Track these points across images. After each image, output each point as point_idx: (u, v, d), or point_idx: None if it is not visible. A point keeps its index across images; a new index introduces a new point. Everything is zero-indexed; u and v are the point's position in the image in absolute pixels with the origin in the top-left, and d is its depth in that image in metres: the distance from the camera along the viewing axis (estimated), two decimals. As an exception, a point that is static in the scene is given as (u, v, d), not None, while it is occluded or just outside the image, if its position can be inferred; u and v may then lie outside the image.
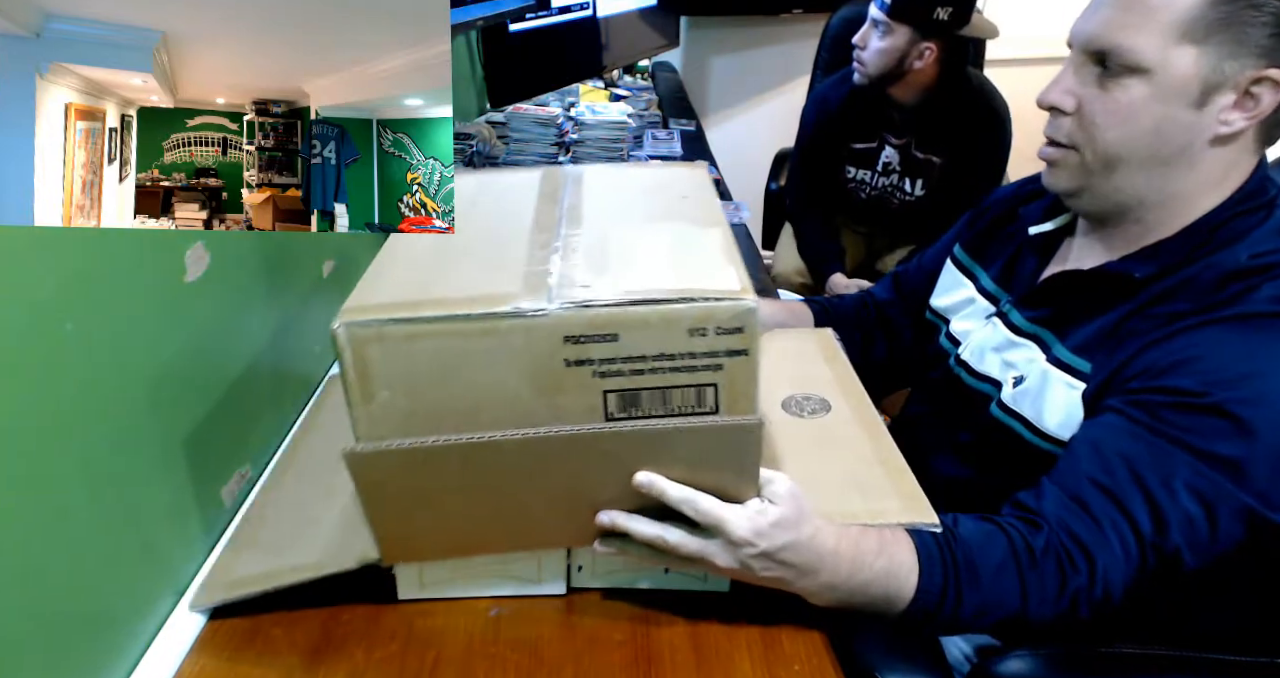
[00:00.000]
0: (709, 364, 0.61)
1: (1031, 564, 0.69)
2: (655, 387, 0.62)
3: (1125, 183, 0.79)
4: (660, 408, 0.63)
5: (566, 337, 0.59)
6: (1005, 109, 1.92)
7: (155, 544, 0.72)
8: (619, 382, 0.61)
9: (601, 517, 0.68)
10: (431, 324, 0.59)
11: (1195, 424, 0.70)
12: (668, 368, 0.61)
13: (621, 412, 0.62)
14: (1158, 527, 0.69)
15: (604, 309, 0.59)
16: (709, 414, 0.63)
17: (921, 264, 1.13)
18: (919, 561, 0.69)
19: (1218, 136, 0.75)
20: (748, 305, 0.59)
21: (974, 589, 0.69)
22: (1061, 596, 0.69)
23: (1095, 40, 0.76)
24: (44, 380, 0.57)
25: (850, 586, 0.68)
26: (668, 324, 0.59)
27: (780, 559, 0.66)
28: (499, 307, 0.59)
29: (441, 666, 0.70)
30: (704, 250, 0.66)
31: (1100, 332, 0.79)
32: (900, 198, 2.03)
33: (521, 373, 0.60)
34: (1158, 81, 0.74)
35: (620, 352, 0.60)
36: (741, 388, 0.62)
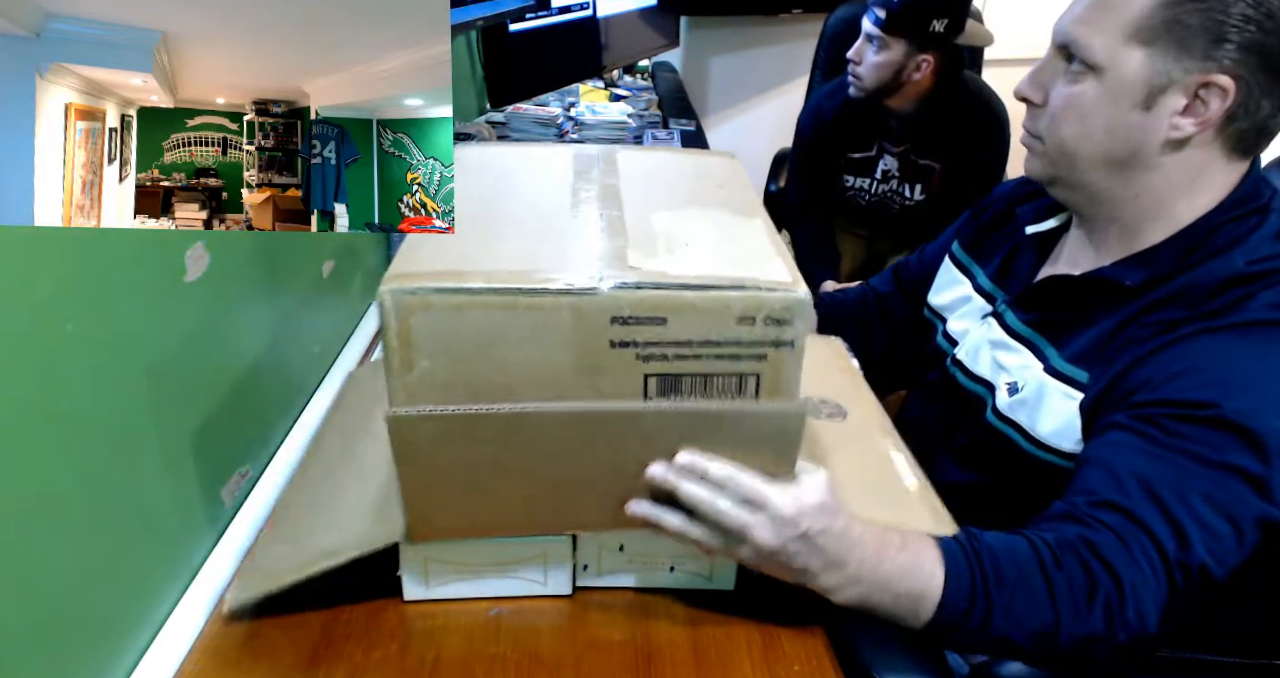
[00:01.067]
0: (754, 353, 0.61)
1: (1056, 565, 0.67)
2: (697, 373, 0.61)
3: (1087, 178, 0.79)
4: (699, 396, 0.62)
5: (614, 317, 0.59)
6: (1003, 111, 1.91)
7: (155, 544, 0.72)
8: (661, 366, 0.61)
9: (632, 507, 0.67)
10: (479, 296, 0.58)
11: (1205, 436, 0.69)
12: (712, 355, 0.60)
13: (661, 396, 0.62)
14: (1181, 544, 0.67)
15: (654, 291, 0.58)
16: (750, 401, 0.62)
17: (922, 258, 1.13)
18: (944, 561, 0.67)
19: (1170, 141, 0.74)
20: (798, 297, 0.59)
21: (1001, 591, 0.66)
22: (1092, 604, 0.66)
23: (1061, 34, 0.77)
24: (44, 380, 0.57)
25: (874, 579, 0.66)
26: (717, 311, 0.59)
27: (816, 544, 0.64)
28: (550, 283, 0.58)
29: (441, 666, 0.70)
30: (750, 240, 0.66)
31: (1097, 340, 0.79)
32: (900, 203, 2.03)
33: (565, 351, 0.60)
34: (1107, 81, 0.74)
35: (666, 335, 0.59)
36: (783, 380, 0.62)
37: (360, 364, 1.16)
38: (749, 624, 0.74)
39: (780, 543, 0.64)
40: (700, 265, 0.60)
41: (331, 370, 1.12)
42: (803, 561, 0.65)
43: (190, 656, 0.70)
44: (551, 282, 0.58)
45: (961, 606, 0.66)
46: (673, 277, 0.59)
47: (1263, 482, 0.67)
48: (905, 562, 0.67)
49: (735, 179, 0.78)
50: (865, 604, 0.67)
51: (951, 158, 1.92)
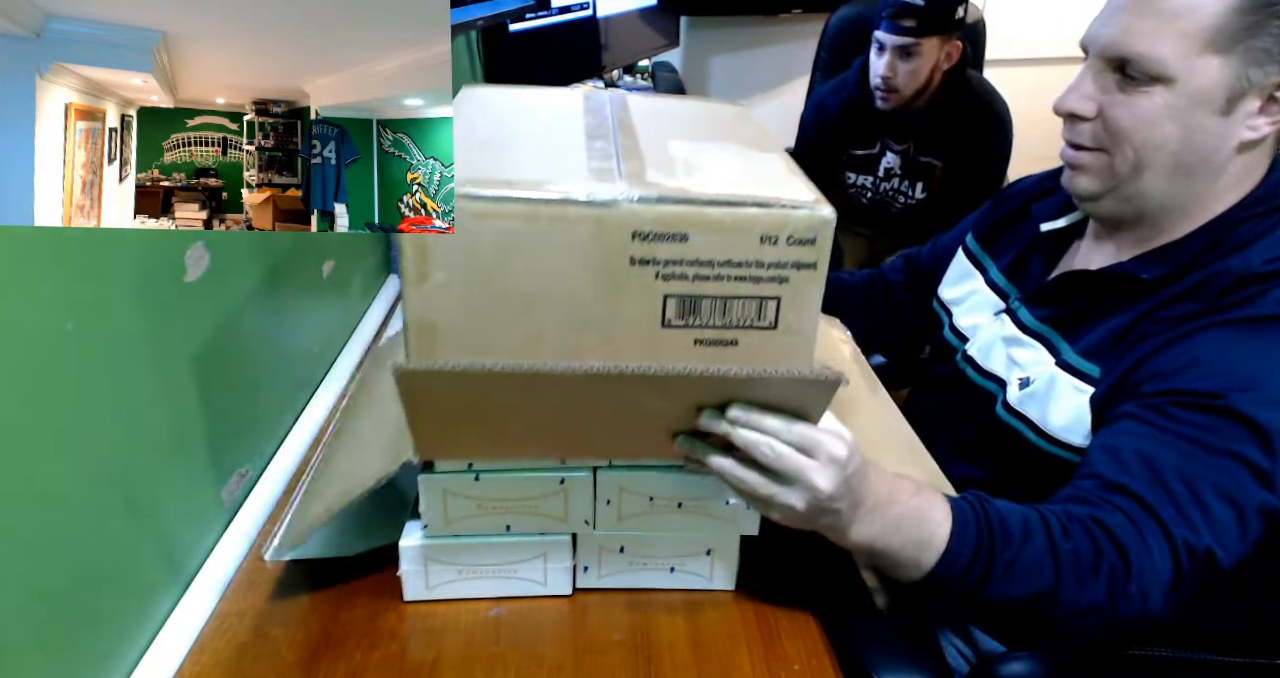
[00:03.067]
0: (775, 276, 0.59)
1: (1064, 535, 0.67)
2: (717, 295, 0.60)
3: (1151, 188, 0.78)
4: (719, 318, 0.61)
5: (635, 233, 0.57)
6: (1005, 110, 1.91)
7: (155, 544, 0.72)
8: (681, 286, 0.59)
9: (681, 444, 0.66)
10: (500, 204, 0.56)
11: (1212, 424, 0.69)
12: (732, 276, 0.59)
13: (679, 319, 0.60)
14: (1188, 527, 0.67)
15: (677, 206, 0.57)
16: (767, 329, 0.61)
17: (935, 249, 1.12)
18: (952, 514, 0.67)
19: (1244, 142, 0.75)
20: (824, 216, 0.58)
21: (1005, 550, 0.66)
22: (1096, 574, 0.66)
23: (1113, 47, 0.75)
24: (44, 380, 0.57)
25: (886, 519, 0.66)
26: (740, 228, 0.57)
27: (851, 484, 0.64)
28: (572, 194, 0.56)
29: (441, 666, 0.70)
30: (769, 166, 0.64)
31: (1109, 335, 0.79)
32: (902, 202, 2.03)
33: (584, 267, 0.58)
34: (1182, 90, 0.73)
35: (687, 254, 0.58)
36: (803, 305, 0.61)
37: (360, 367, 1.15)
38: (749, 624, 0.74)
39: (836, 486, 0.63)
40: (722, 185, 0.59)
41: (332, 370, 1.12)
42: (837, 503, 0.64)
43: (190, 656, 0.70)
44: (573, 194, 0.56)
45: (964, 558, 0.66)
46: (695, 193, 0.57)
47: (1267, 474, 0.67)
48: (917, 506, 0.67)
49: (747, 120, 0.77)
50: (874, 547, 0.67)
51: (954, 156, 1.91)
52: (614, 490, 0.73)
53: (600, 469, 0.73)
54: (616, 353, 0.61)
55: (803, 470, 0.62)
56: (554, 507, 0.74)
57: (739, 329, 0.61)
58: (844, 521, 0.65)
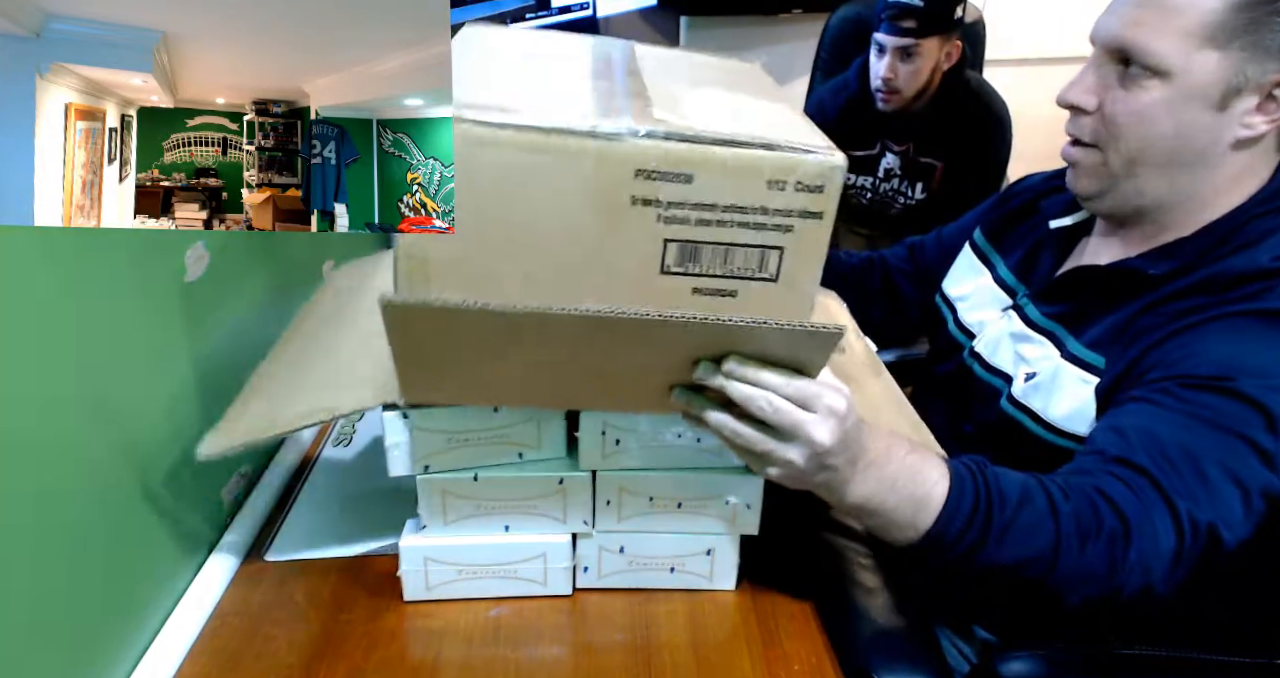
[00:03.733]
0: (780, 224, 0.57)
1: (1065, 498, 0.65)
2: (719, 242, 0.58)
3: (1147, 184, 0.78)
4: (719, 267, 0.59)
5: (639, 170, 0.55)
6: (1005, 110, 1.91)
7: (155, 544, 0.72)
8: (682, 231, 0.57)
9: (677, 398, 0.64)
10: (502, 131, 0.54)
11: (1218, 404, 0.68)
12: (735, 222, 0.57)
13: (679, 266, 0.59)
14: (1191, 500, 0.66)
15: (682, 144, 0.55)
16: (768, 281, 0.60)
17: (941, 240, 1.11)
18: (949, 475, 0.66)
19: (1240, 140, 0.74)
20: (835, 162, 0.56)
21: (1003, 511, 0.65)
22: (1097, 538, 0.64)
23: (1116, 39, 0.76)
24: (43, 381, 0.57)
25: (882, 475, 0.64)
26: (747, 171, 0.55)
27: (849, 439, 0.62)
28: (574, 125, 0.54)
29: (441, 666, 0.70)
30: (779, 114, 0.63)
31: (1114, 326, 0.79)
32: (902, 202, 2.03)
33: (583, 205, 0.56)
34: (1178, 84, 0.73)
35: (691, 196, 0.56)
36: (806, 257, 0.59)
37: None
38: (749, 624, 0.74)
39: (834, 440, 0.61)
40: (731, 126, 0.56)
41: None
42: (835, 458, 0.62)
43: (190, 656, 0.70)
44: (576, 125, 0.54)
45: (961, 518, 0.65)
46: (703, 132, 0.55)
47: (1272, 457, 0.67)
48: (913, 463, 0.65)
49: (759, 74, 0.76)
50: (869, 505, 0.65)
51: (953, 156, 1.91)
52: (614, 491, 0.73)
53: (600, 470, 0.73)
54: (613, 299, 0.58)
55: (801, 424, 0.60)
56: (554, 507, 0.74)
57: (739, 279, 0.59)
58: (841, 477, 0.64)
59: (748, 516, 0.75)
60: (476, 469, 0.72)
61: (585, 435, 0.71)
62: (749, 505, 0.74)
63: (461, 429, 0.70)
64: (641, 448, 0.72)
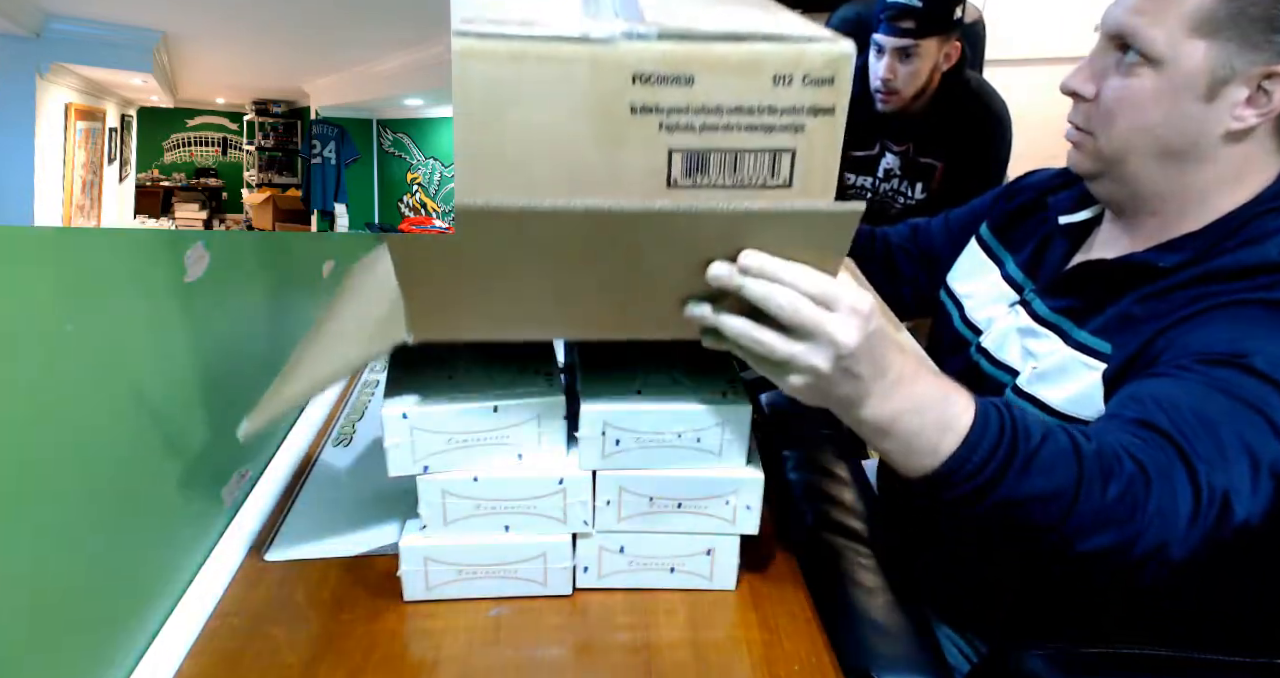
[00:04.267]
0: (789, 124, 0.55)
1: (1087, 439, 0.64)
2: (726, 149, 0.55)
3: (1140, 171, 0.79)
4: (729, 177, 0.56)
5: (635, 75, 0.52)
6: (1005, 110, 1.92)
7: (155, 544, 0.72)
8: (687, 139, 0.55)
9: (691, 309, 0.61)
10: (486, 42, 0.51)
11: (1234, 378, 0.67)
12: (743, 126, 0.54)
13: (686, 177, 0.56)
14: (1207, 464, 0.64)
15: (680, 43, 0.52)
16: (781, 188, 0.57)
17: (949, 225, 1.11)
18: (975, 405, 0.63)
19: (1231, 132, 0.75)
20: (843, 50, 0.53)
21: (1028, 443, 0.62)
22: (1119, 479, 0.62)
23: (1118, 25, 0.77)
24: (44, 380, 0.57)
25: (909, 394, 0.61)
26: (750, 67, 0.53)
27: (875, 348, 0.59)
28: (564, 31, 0.52)
29: (441, 666, 0.70)
30: (780, 13, 0.60)
31: (1120, 313, 0.79)
32: (902, 202, 2.03)
33: (581, 116, 0.54)
34: (1168, 73, 0.74)
35: (693, 100, 0.53)
36: (820, 159, 0.56)
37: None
38: (749, 624, 0.74)
39: (858, 340, 0.58)
40: (728, 22, 0.54)
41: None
42: (860, 366, 0.59)
43: (190, 656, 0.70)
44: (566, 31, 0.52)
45: (986, 446, 0.62)
46: (701, 29, 0.52)
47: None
48: (941, 386, 0.63)
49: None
50: (893, 426, 0.62)
51: (953, 156, 1.92)
52: (614, 491, 0.73)
53: (600, 470, 0.73)
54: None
55: (823, 323, 0.57)
56: (554, 507, 0.74)
57: (751, 189, 0.57)
58: (864, 390, 0.60)
59: (748, 516, 0.75)
60: (476, 469, 0.72)
61: (585, 435, 0.71)
62: (749, 506, 0.74)
63: (461, 429, 0.70)
64: (641, 448, 0.72)
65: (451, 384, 0.72)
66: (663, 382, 0.74)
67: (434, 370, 0.74)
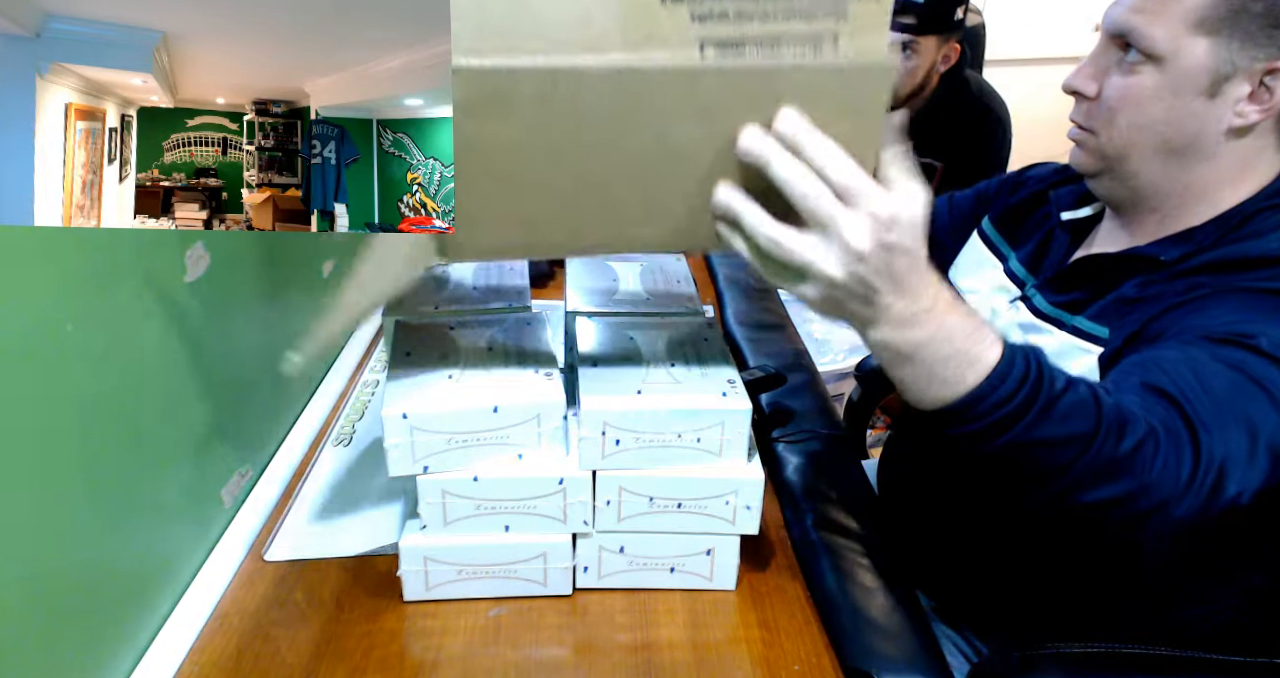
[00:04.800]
0: (831, 9, 0.52)
1: (1107, 394, 0.63)
2: (763, 38, 0.52)
3: (1142, 168, 0.79)
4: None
5: None
6: (1005, 110, 1.92)
7: (155, 544, 0.72)
8: (720, 29, 0.52)
9: (719, 195, 0.58)
10: None
11: (1239, 355, 0.67)
12: (780, 13, 0.51)
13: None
14: (1208, 432, 0.63)
15: None
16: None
17: (954, 206, 1.11)
18: (1003, 343, 0.61)
19: (1233, 128, 0.75)
20: None
21: (1052, 385, 0.61)
22: (1133, 431, 0.61)
23: (1119, 23, 0.77)
24: (44, 380, 0.57)
25: (942, 323, 0.59)
26: None
27: (895, 265, 0.56)
28: None
29: (441, 666, 0.70)
30: None
31: (1118, 300, 0.79)
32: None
33: (607, 8, 0.51)
34: (1169, 70, 0.74)
35: None
36: (867, 42, 0.52)
37: (360, 367, 1.15)
38: (749, 624, 0.74)
39: (869, 246, 0.55)
40: None
41: (331, 371, 1.12)
42: (875, 279, 0.56)
43: (190, 656, 0.70)
44: None
45: (1012, 383, 0.60)
46: None
47: None
48: (975, 320, 0.61)
49: None
50: (919, 353, 0.59)
51: (953, 157, 1.92)
52: (614, 491, 0.73)
53: (600, 470, 0.73)
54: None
55: (835, 217, 0.54)
56: (554, 507, 0.74)
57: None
58: (880, 306, 0.58)
59: (748, 516, 0.75)
60: (476, 469, 0.72)
61: (585, 435, 0.71)
62: (749, 506, 0.74)
63: (461, 429, 0.70)
64: (641, 448, 0.72)
65: (451, 384, 0.72)
66: (663, 382, 0.74)
67: (434, 370, 0.74)
